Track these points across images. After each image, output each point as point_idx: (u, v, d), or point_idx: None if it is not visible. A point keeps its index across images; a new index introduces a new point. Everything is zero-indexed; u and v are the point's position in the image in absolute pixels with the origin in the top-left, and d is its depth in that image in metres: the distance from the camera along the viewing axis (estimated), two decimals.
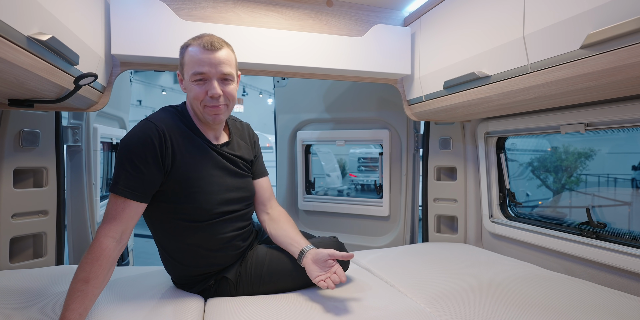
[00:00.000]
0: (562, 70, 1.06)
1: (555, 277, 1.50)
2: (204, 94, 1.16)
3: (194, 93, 1.17)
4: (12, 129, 1.55)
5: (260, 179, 1.43)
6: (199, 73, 1.15)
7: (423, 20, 1.77)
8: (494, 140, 2.01)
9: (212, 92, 1.15)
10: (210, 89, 1.16)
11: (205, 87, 1.16)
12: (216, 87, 1.16)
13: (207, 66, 1.14)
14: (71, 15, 1.15)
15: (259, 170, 1.44)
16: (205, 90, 1.16)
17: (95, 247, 1.03)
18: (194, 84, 1.17)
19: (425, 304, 1.27)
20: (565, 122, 1.51)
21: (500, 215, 2.04)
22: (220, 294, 1.30)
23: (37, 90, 1.18)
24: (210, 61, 1.14)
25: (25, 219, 1.62)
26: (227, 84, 1.19)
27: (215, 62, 1.15)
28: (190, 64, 1.16)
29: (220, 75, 1.17)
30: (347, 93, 2.77)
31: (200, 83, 1.16)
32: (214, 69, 1.15)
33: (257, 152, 1.44)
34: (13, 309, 1.09)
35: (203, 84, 1.16)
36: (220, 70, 1.16)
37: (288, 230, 1.35)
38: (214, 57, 1.15)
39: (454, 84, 1.53)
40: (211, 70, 1.15)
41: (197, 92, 1.16)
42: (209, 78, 1.16)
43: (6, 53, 0.87)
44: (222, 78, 1.18)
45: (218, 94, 1.16)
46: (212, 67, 1.15)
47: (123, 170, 1.10)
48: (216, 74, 1.16)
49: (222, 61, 1.16)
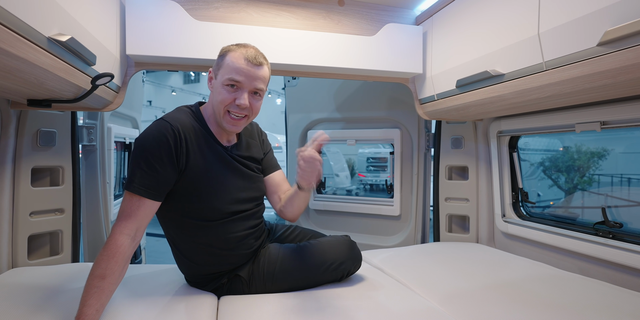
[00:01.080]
0: (578, 68, 1.04)
1: (570, 277, 1.49)
2: (231, 100, 1.19)
3: (222, 97, 1.19)
4: (30, 129, 1.59)
5: (273, 173, 1.44)
6: (235, 81, 1.17)
7: (435, 19, 1.76)
8: (507, 139, 1.99)
9: (241, 102, 1.18)
10: (239, 98, 1.18)
11: (235, 94, 1.19)
12: (245, 99, 1.18)
13: (244, 77, 1.17)
14: (88, 17, 1.17)
15: (271, 165, 1.45)
16: (234, 97, 1.19)
17: (110, 244, 1.05)
18: (225, 88, 1.19)
19: (439, 303, 1.26)
20: (580, 121, 1.49)
21: (513, 214, 2.02)
22: (232, 292, 1.31)
23: (55, 90, 1.20)
24: (249, 74, 1.17)
25: (42, 217, 1.65)
26: (256, 98, 1.23)
27: (254, 76, 1.18)
28: (229, 69, 1.18)
29: (253, 89, 1.20)
30: (357, 92, 2.77)
31: (231, 89, 1.18)
32: (249, 82, 1.18)
33: (267, 149, 1.46)
34: (33, 305, 1.12)
35: (234, 91, 1.19)
36: (255, 84, 1.19)
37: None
38: (254, 71, 1.18)
39: (466, 82, 1.52)
40: (247, 82, 1.18)
41: (225, 96, 1.19)
42: (241, 88, 1.19)
43: (28, 54, 0.89)
44: (254, 91, 1.21)
45: (245, 105, 1.19)
46: (249, 80, 1.18)
47: (138, 168, 1.11)
48: (250, 86, 1.19)
49: (259, 77, 1.20)
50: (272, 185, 1.43)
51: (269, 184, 1.43)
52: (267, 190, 1.43)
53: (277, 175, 1.45)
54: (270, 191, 1.43)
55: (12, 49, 0.82)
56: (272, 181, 1.43)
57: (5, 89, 1.14)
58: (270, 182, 1.43)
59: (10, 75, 0.97)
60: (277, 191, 1.43)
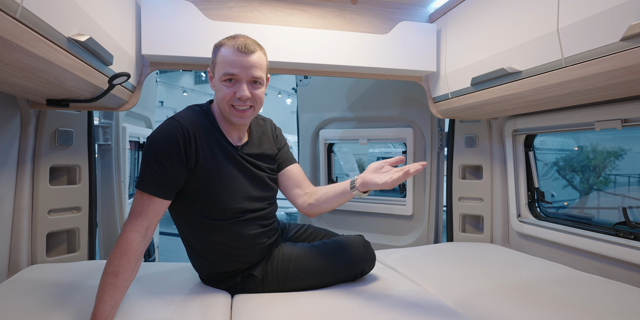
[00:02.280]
0: (600, 64, 1.02)
1: (589, 278, 1.46)
2: (232, 94, 1.17)
3: (222, 93, 1.18)
4: (49, 128, 1.62)
5: (288, 166, 1.41)
6: (230, 74, 1.16)
7: (449, 16, 1.74)
8: (522, 138, 1.96)
9: (241, 94, 1.16)
10: (238, 91, 1.17)
11: (234, 88, 1.17)
12: (245, 90, 1.17)
13: (239, 68, 1.15)
14: (105, 17, 1.18)
15: (286, 158, 1.43)
16: (233, 91, 1.17)
17: (122, 242, 1.06)
18: (224, 84, 1.18)
19: (453, 304, 1.25)
20: (600, 119, 1.46)
21: (529, 214, 1.99)
22: (246, 291, 1.32)
23: (74, 89, 1.22)
24: (242, 64, 1.15)
25: (60, 215, 1.68)
26: (256, 87, 1.20)
27: (247, 65, 1.16)
28: (222, 64, 1.17)
29: (251, 79, 1.18)
30: (369, 91, 2.75)
31: (229, 84, 1.17)
32: (244, 72, 1.16)
33: (280, 144, 1.43)
34: (52, 301, 1.14)
35: (232, 86, 1.17)
36: (251, 73, 1.17)
37: (329, 186, 1.34)
38: (246, 60, 1.16)
39: (482, 80, 1.50)
40: (242, 72, 1.16)
41: (225, 92, 1.18)
42: (239, 80, 1.17)
43: (48, 54, 0.90)
44: (252, 81, 1.19)
45: (246, 97, 1.17)
46: (243, 70, 1.16)
47: (149, 167, 1.12)
48: (246, 76, 1.17)
49: (253, 64, 1.17)
50: (289, 179, 1.40)
51: (286, 178, 1.40)
52: (283, 184, 1.41)
53: (293, 169, 1.42)
54: (286, 185, 1.41)
55: (33, 49, 0.84)
56: (288, 175, 1.40)
57: (26, 88, 1.16)
58: (287, 176, 1.40)
59: (31, 75, 0.99)
60: (296, 185, 1.39)
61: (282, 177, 1.41)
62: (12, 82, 1.06)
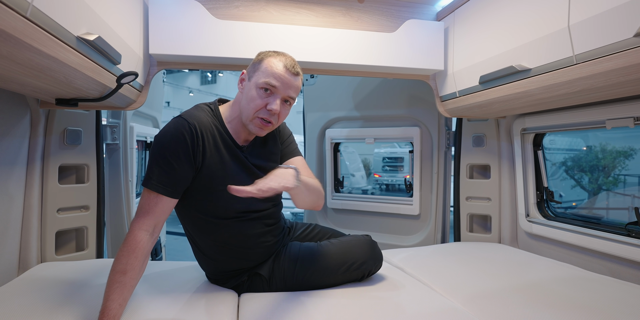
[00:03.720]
0: (613, 61, 1.00)
1: (599, 279, 1.43)
2: (263, 104, 1.18)
3: (255, 102, 1.18)
4: (58, 128, 1.63)
5: (290, 159, 1.40)
6: (272, 85, 1.17)
7: (457, 14, 1.73)
8: (531, 137, 1.94)
9: (272, 107, 1.17)
10: (271, 104, 1.17)
11: (267, 99, 1.18)
12: (278, 104, 1.18)
13: (281, 83, 1.17)
14: (114, 16, 1.19)
15: (290, 150, 1.41)
16: (266, 102, 1.18)
17: (130, 240, 1.06)
18: (259, 92, 1.18)
19: (462, 304, 1.24)
20: (612, 117, 1.44)
21: (538, 214, 1.97)
22: (253, 290, 1.31)
23: (82, 88, 1.23)
24: (286, 81, 1.17)
25: (69, 214, 1.69)
26: (286, 107, 1.22)
27: (289, 84, 1.18)
28: (267, 73, 1.17)
29: (286, 97, 1.20)
30: (376, 90, 2.74)
31: (265, 94, 1.18)
32: (285, 89, 1.18)
33: (283, 137, 1.42)
34: (61, 299, 1.15)
35: (267, 96, 1.18)
36: (290, 93, 1.20)
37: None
38: (291, 80, 1.18)
39: (490, 78, 1.48)
40: (282, 89, 1.17)
41: (258, 101, 1.18)
42: (276, 93, 1.18)
43: (58, 53, 0.91)
44: (285, 99, 1.21)
45: (277, 111, 1.18)
46: (285, 87, 1.18)
47: (156, 166, 1.12)
48: (284, 93, 1.19)
49: (294, 86, 1.20)
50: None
51: None
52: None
53: (295, 161, 1.39)
54: None
55: (43, 48, 0.84)
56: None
57: (36, 88, 1.17)
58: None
59: (41, 74, 1.00)
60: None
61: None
62: (22, 82, 1.07)
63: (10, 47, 0.78)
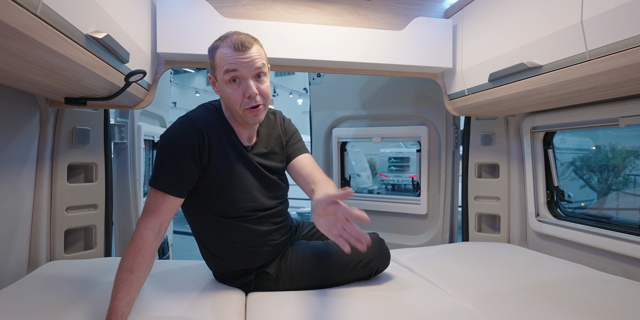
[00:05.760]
0: (628, 56, 0.98)
1: (612, 279, 1.41)
2: (241, 96, 1.14)
3: (232, 98, 1.15)
4: (67, 127, 1.64)
5: (298, 156, 1.36)
6: (232, 71, 1.12)
7: (466, 11, 1.71)
8: (541, 136, 1.91)
9: (249, 92, 1.13)
10: (246, 90, 1.13)
11: (241, 89, 1.14)
12: (252, 87, 1.13)
13: (240, 66, 1.11)
14: (122, 15, 1.19)
15: (296, 148, 1.38)
16: (242, 92, 1.14)
17: (136, 239, 1.06)
18: (229, 86, 1.14)
19: (471, 304, 1.22)
20: (625, 114, 1.41)
21: (548, 214, 1.94)
22: (260, 289, 1.31)
23: (91, 87, 1.23)
24: (243, 61, 1.11)
25: (77, 212, 1.70)
26: (261, 81, 1.17)
27: (248, 61, 1.12)
28: (222, 65, 1.13)
29: (255, 73, 1.14)
30: (383, 89, 2.73)
31: (235, 86, 1.14)
32: (247, 69, 1.12)
33: (289, 134, 1.39)
34: (70, 296, 1.16)
35: (238, 87, 1.14)
36: (254, 66, 1.13)
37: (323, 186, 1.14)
38: (246, 57, 1.12)
39: (500, 75, 1.47)
40: (244, 69, 1.12)
41: (234, 96, 1.14)
42: (243, 78, 1.13)
43: (67, 51, 0.91)
44: (256, 75, 1.15)
45: (255, 93, 1.14)
46: (245, 67, 1.12)
47: (162, 165, 1.12)
48: (250, 72, 1.13)
49: (254, 58, 1.13)
50: (297, 172, 1.34)
51: (295, 172, 1.35)
52: (295, 176, 1.35)
53: (302, 159, 1.36)
54: (296, 178, 1.34)
55: (53, 46, 0.85)
56: (298, 166, 1.34)
57: (45, 86, 1.18)
58: (296, 168, 1.34)
59: (50, 73, 1.00)
60: (303, 178, 1.31)
61: (291, 169, 1.36)
62: (32, 80, 1.08)
63: (21, 45, 0.78)
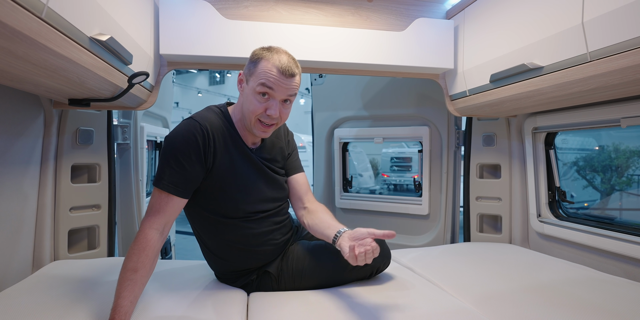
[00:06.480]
0: (629, 57, 0.99)
1: (614, 280, 1.41)
2: (262, 109, 1.18)
3: (254, 107, 1.18)
4: (70, 128, 1.65)
5: (294, 175, 1.42)
6: (269, 88, 1.15)
7: (467, 12, 1.72)
8: (543, 136, 1.91)
9: (271, 112, 1.17)
10: (270, 109, 1.17)
11: (266, 104, 1.17)
12: (277, 109, 1.17)
13: (277, 87, 1.15)
14: (125, 17, 1.20)
15: (294, 166, 1.43)
16: (265, 107, 1.17)
17: (140, 239, 1.07)
18: (256, 97, 1.17)
19: (472, 304, 1.22)
20: (627, 115, 1.41)
21: (550, 214, 1.94)
22: (262, 289, 1.32)
23: (95, 88, 1.24)
24: (281, 85, 1.15)
25: (81, 213, 1.71)
26: (286, 106, 1.22)
27: (287, 87, 1.17)
28: (262, 78, 1.15)
29: (285, 97, 1.19)
30: (385, 90, 2.73)
31: (262, 99, 1.17)
32: (281, 93, 1.17)
33: (291, 149, 1.44)
34: (74, 296, 1.17)
35: (265, 101, 1.17)
36: (288, 93, 1.18)
37: (324, 218, 1.30)
38: (287, 83, 1.16)
39: (501, 76, 1.47)
40: (279, 92, 1.16)
41: (256, 106, 1.17)
42: (273, 97, 1.17)
43: (71, 53, 0.92)
44: (284, 100, 1.20)
45: (276, 115, 1.18)
46: (281, 92, 1.16)
47: (167, 166, 1.14)
48: (281, 96, 1.18)
49: (291, 87, 1.18)
50: (294, 188, 1.41)
51: (291, 187, 1.42)
52: (289, 192, 1.42)
53: (298, 178, 1.43)
54: (291, 194, 1.42)
55: (58, 49, 0.86)
56: (293, 183, 1.41)
57: (50, 88, 1.19)
58: (292, 185, 1.41)
59: (55, 75, 1.01)
60: (298, 197, 1.40)
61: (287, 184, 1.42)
62: (36, 82, 1.09)
63: (26, 48, 0.79)
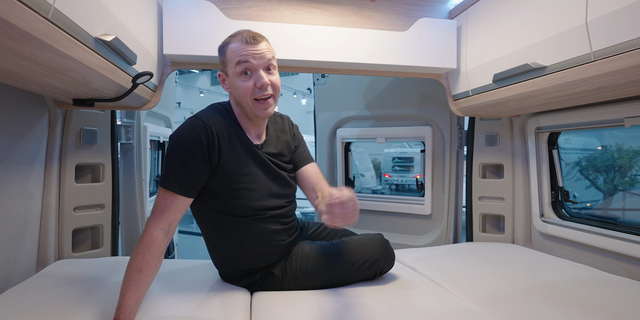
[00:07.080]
0: (633, 57, 0.98)
1: (618, 280, 1.41)
2: (252, 87, 1.17)
3: (243, 89, 1.18)
4: (75, 127, 1.66)
5: (305, 166, 1.40)
6: (244, 62, 1.16)
7: (470, 11, 1.72)
8: (545, 136, 1.91)
9: (261, 82, 1.16)
10: (258, 80, 1.17)
11: (252, 80, 1.17)
12: (264, 77, 1.17)
13: (252, 57, 1.16)
14: (129, 18, 1.21)
15: (303, 158, 1.41)
16: (252, 82, 1.17)
17: (146, 238, 1.07)
18: (240, 78, 1.18)
19: (476, 304, 1.23)
20: (631, 115, 1.41)
21: (553, 214, 1.94)
22: (265, 288, 1.32)
23: (99, 89, 1.25)
24: (254, 53, 1.16)
25: (85, 212, 1.72)
26: (271, 73, 1.21)
27: (259, 53, 1.17)
28: (234, 58, 1.17)
29: (266, 65, 1.18)
30: (387, 90, 2.73)
31: (246, 77, 1.18)
32: (259, 60, 1.17)
33: (298, 142, 1.43)
34: (78, 295, 1.17)
35: (250, 78, 1.17)
36: (265, 58, 1.18)
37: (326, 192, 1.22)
38: (257, 49, 1.17)
39: (504, 76, 1.47)
40: (256, 61, 1.16)
41: (245, 87, 1.18)
42: (255, 69, 1.17)
43: (77, 53, 0.93)
44: (267, 67, 1.19)
45: (267, 83, 1.17)
46: (257, 59, 1.17)
47: (172, 166, 1.14)
48: (261, 64, 1.17)
49: (264, 51, 1.18)
50: (306, 179, 1.39)
51: (303, 179, 1.39)
52: (301, 184, 1.40)
53: (310, 168, 1.40)
54: (304, 186, 1.40)
55: (64, 49, 0.86)
56: (305, 174, 1.39)
57: (55, 88, 1.20)
58: (304, 177, 1.39)
59: (60, 75, 1.02)
60: (312, 186, 1.37)
61: (299, 176, 1.40)
62: (42, 82, 1.10)
63: (33, 49, 0.80)
